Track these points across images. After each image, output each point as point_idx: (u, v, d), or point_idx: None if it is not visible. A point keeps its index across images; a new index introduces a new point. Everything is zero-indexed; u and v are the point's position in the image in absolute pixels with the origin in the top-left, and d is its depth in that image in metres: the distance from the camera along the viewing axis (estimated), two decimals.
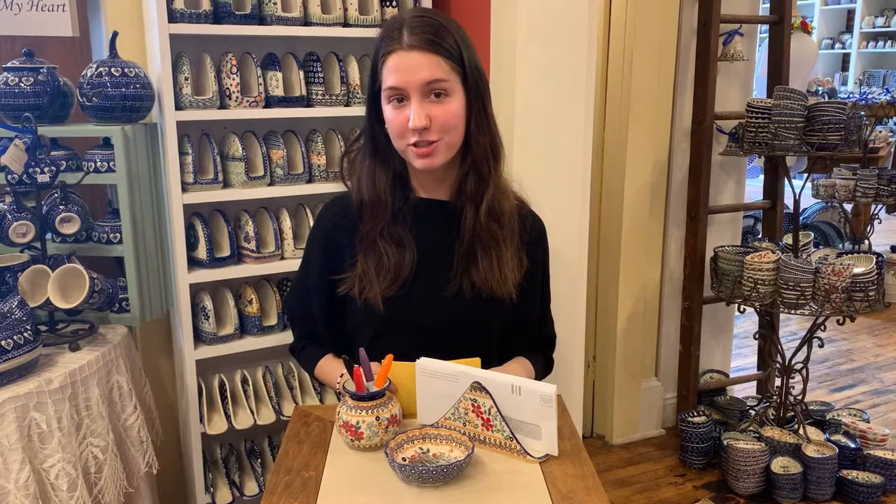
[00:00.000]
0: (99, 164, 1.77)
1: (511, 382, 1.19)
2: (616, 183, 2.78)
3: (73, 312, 1.66)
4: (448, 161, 1.33)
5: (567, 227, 1.97)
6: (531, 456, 1.20)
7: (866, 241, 3.14)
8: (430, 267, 1.38)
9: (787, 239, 2.75)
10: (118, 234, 1.80)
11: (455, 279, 1.36)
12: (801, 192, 2.66)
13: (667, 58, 2.72)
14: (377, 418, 1.21)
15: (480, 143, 1.33)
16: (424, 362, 1.25)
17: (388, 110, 1.30)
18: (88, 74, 1.77)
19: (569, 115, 1.93)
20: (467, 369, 1.23)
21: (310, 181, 2.03)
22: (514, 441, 1.20)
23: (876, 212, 3.08)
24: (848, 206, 3.15)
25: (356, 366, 1.24)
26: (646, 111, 2.72)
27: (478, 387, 1.21)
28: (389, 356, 1.27)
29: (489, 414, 1.22)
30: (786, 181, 2.79)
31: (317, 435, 1.31)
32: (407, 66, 1.26)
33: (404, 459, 1.18)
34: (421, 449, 1.21)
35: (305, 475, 1.17)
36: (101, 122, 1.79)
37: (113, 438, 1.62)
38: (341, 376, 1.38)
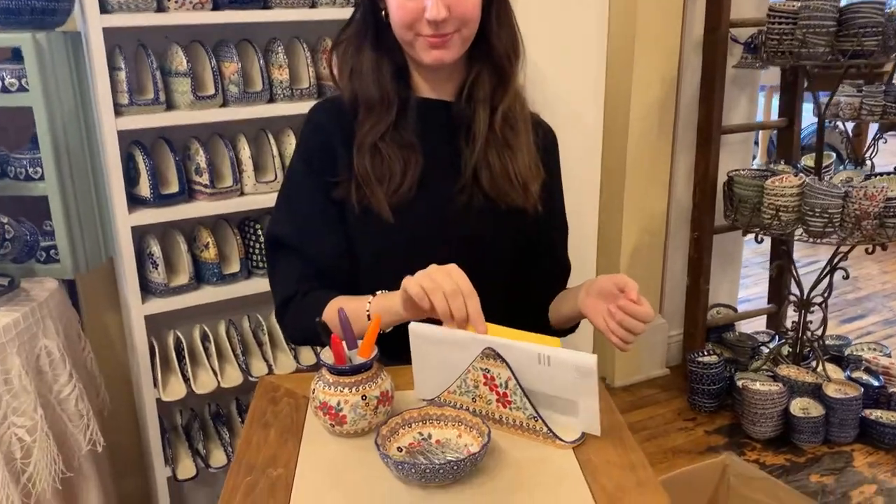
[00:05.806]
0: (7, 81, 1.46)
1: (537, 351, 0.92)
2: (621, 102, 2.49)
3: None
4: (459, 57, 1.17)
5: (579, 145, 1.71)
6: (561, 440, 0.94)
7: (868, 163, 2.92)
8: (436, 175, 1.20)
9: (805, 160, 2.50)
10: (39, 169, 1.50)
11: (467, 189, 1.20)
12: (826, 107, 2.40)
13: None
14: (363, 397, 0.95)
15: (503, 38, 1.18)
16: (417, 328, 0.98)
17: None
18: None
19: (580, 25, 1.66)
20: (474, 335, 0.96)
21: (271, 101, 1.72)
22: (539, 421, 0.95)
23: (879, 132, 2.84)
24: (849, 126, 2.95)
25: (333, 334, 0.97)
26: (653, 19, 2.42)
27: (491, 353, 0.95)
28: (377, 317, 1.00)
29: (506, 388, 0.96)
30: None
31: (287, 416, 1.04)
32: None
33: (400, 450, 0.92)
34: (420, 434, 0.95)
35: (273, 474, 0.91)
36: (7, 29, 1.46)
37: (43, 415, 1.35)
38: (369, 303, 1.09)
